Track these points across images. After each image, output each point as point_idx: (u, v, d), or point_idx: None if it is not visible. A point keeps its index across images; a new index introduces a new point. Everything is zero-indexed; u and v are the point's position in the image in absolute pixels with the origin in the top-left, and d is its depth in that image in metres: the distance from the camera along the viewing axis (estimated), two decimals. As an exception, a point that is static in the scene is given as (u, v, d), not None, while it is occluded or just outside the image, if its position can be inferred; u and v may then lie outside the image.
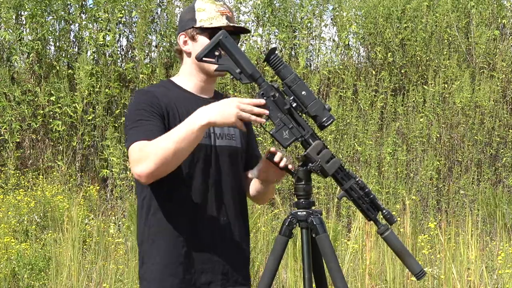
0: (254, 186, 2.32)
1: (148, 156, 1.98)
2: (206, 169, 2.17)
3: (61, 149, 7.66)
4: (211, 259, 2.17)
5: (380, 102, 8.84)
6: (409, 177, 8.55)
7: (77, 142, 7.64)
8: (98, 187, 7.42)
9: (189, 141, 1.96)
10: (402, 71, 9.35)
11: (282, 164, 2.14)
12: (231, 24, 2.18)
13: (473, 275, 4.60)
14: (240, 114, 1.96)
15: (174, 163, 2.00)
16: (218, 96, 2.28)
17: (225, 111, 1.95)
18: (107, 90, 7.78)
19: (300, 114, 2.13)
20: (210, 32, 2.17)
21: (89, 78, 7.66)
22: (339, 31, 9.27)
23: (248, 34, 8.81)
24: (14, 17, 7.84)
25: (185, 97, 2.21)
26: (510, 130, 9.32)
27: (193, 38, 2.21)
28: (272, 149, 2.15)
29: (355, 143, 8.48)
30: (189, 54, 2.23)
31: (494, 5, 10.00)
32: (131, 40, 8.59)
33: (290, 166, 2.15)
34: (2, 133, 7.51)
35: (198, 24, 2.19)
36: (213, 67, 2.14)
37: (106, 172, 7.55)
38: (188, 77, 2.25)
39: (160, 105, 2.12)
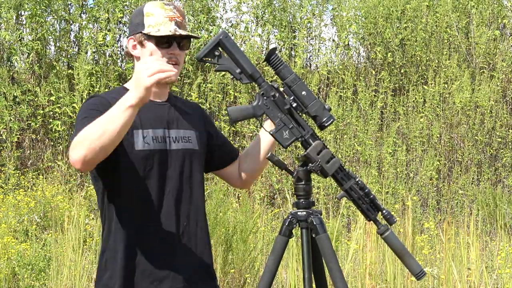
0: (248, 166, 2.32)
1: (81, 142, 1.89)
2: (162, 174, 2.12)
3: (61, 149, 7.66)
4: (170, 267, 2.12)
5: (380, 102, 8.84)
6: (409, 177, 8.55)
7: (77, 142, 7.63)
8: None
9: (117, 123, 1.86)
10: (402, 71, 9.34)
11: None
12: (178, 33, 2.10)
13: (473, 275, 4.60)
14: (149, 74, 1.85)
15: (105, 146, 1.87)
16: (172, 99, 2.24)
17: (139, 83, 1.86)
18: (106, 90, 7.78)
19: (300, 114, 2.13)
20: (158, 39, 2.11)
21: (89, 78, 7.66)
22: (339, 31, 9.27)
23: (248, 34, 8.80)
24: (14, 17, 7.83)
25: None
26: (510, 130, 9.32)
27: (141, 44, 2.14)
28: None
29: (355, 143, 8.48)
30: (138, 59, 2.17)
31: (494, 5, 10.00)
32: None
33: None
34: (1, 133, 7.51)
35: (146, 30, 2.12)
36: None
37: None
38: None
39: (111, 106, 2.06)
